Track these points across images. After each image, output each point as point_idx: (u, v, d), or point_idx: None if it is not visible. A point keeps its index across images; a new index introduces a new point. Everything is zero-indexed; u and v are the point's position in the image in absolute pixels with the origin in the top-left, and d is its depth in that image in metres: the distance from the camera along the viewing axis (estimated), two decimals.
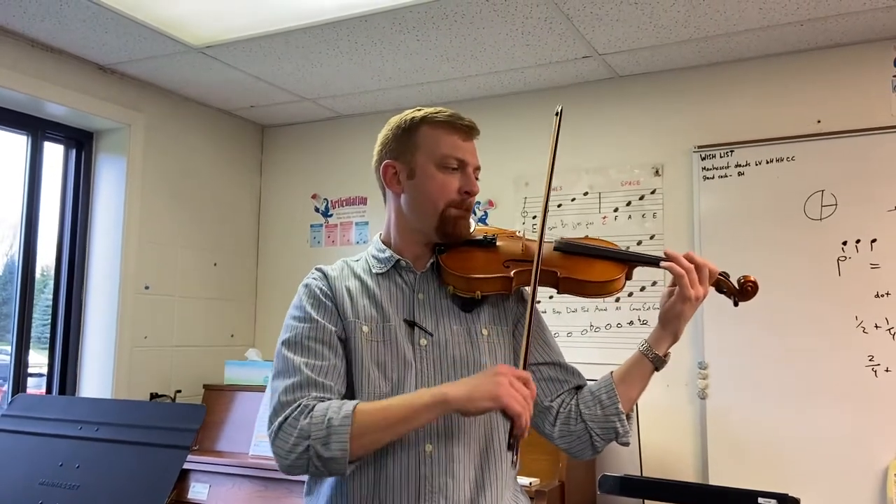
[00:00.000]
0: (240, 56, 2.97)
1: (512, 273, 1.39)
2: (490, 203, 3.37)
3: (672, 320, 1.37)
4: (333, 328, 1.35)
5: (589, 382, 1.48)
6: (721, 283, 1.43)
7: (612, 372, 1.42)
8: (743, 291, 1.42)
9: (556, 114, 1.46)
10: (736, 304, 1.44)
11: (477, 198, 1.47)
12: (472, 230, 1.46)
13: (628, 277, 1.44)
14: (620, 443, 1.39)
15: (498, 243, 1.45)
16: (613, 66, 3.05)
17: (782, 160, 2.84)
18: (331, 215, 3.78)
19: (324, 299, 1.38)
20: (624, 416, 1.38)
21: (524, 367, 1.28)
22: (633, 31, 2.69)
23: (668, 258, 1.38)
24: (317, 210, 3.82)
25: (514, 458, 1.24)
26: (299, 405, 1.25)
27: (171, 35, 2.77)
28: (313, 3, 2.54)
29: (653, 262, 1.43)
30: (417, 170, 1.40)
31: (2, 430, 1.69)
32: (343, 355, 1.35)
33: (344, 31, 2.72)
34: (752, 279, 1.41)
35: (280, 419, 1.25)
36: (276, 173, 3.95)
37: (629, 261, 1.44)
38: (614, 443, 1.41)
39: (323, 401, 1.27)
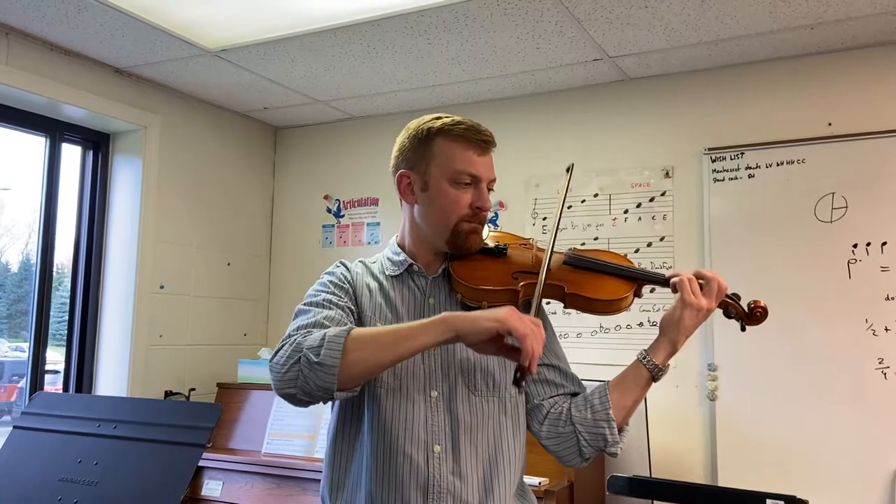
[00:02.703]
0: (254, 59, 3.01)
1: (520, 286, 1.39)
2: (501, 204, 3.39)
3: (671, 327, 1.37)
4: (350, 305, 1.40)
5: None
6: (729, 307, 1.41)
7: (608, 380, 1.42)
8: (752, 316, 1.39)
9: (568, 169, 1.45)
10: (743, 329, 1.42)
11: None
12: (485, 237, 1.46)
13: (637, 295, 1.42)
14: (608, 453, 1.38)
15: (509, 253, 1.45)
16: (624, 69, 3.06)
17: (793, 163, 2.85)
18: (342, 216, 3.81)
19: (345, 284, 1.43)
20: (614, 424, 1.36)
21: (536, 315, 1.27)
22: (643, 34, 2.70)
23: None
24: (329, 211, 3.85)
25: (520, 391, 1.19)
26: (304, 331, 1.29)
27: (187, 39, 2.81)
28: (326, 7, 2.56)
29: (662, 281, 1.41)
30: (431, 182, 1.40)
31: (22, 427, 1.73)
32: (355, 325, 1.39)
33: (356, 35, 2.75)
34: (761, 304, 1.39)
35: (283, 341, 1.28)
36: (288, 174, 3.99)
37: (639, 279, 1.42)
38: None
39: None
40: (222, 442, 3.08)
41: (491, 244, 1.47)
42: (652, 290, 2.97)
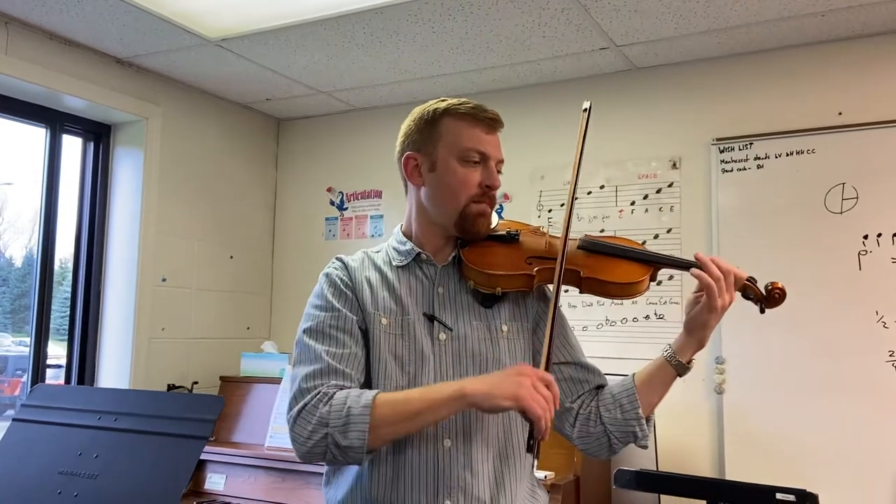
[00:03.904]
0: (255, 49, 2.97)
1: (534, 270, 1.37)
2: (506, 196, 3.36)
3: (698, 329, 1.35)
4: (354, 317, 1.36)
5: (609, 380, 1.47)
6: (747, 289, 1.39)
7: (633, 375, 1.40)
8: (770, 298, 1.38)
9: (585, 110, 1.39)
10: (762, 311, 1.40)
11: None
12: (495, 225, 1.44)
13: (653, 279, 1.40)
14: (639, 445, 1.38)
15: (521, 239, 1.43)
16: (631, 58, 3.02)
17: (802, 153, 2.81)
18: (346, 208, 3.78)
19: (344, 289, 1.38)
20: (644, 421, 1.36)
21: (546, 368, 1.25)
22: (651, 22, 2.66)
23: (700, 263, 1.33)
24: (332, 203, 3.82)
25: (535, 460, 1.23)
26: (319, 392, 1.26)
27: (188, 28, 2.77)
28: None
29: (682, 265, 1.39)
30: (439, 163, 1.38)
31: (22, 419, 1.71)
32: (363, 345, 1.35)
33: (360, 24, 2.71)
34: (779, 286, 1.37)
35: (299, 406, 1.26)
36: (291, 166, 3.96)
37: (655, 262, 1.40)
38: None
39: (342, 389, 1.27)
40: (225, 435, 3.06)
41: (502, 231, 1.44)
42: (670, 278, 2.94)
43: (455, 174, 1.37)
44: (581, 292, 1.40)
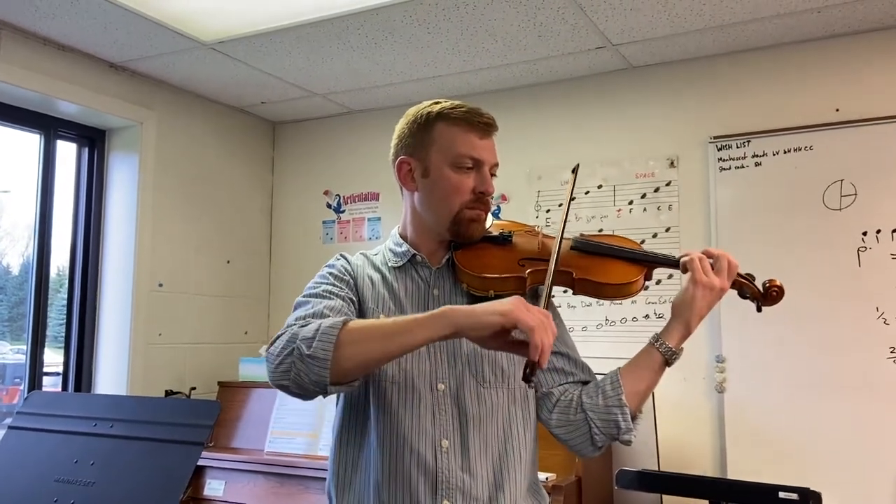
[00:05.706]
0: (250, 51, 2.96)
1: (526, 273, 1.35)
2: (503, 197, 3.35)
3: (684, 307, 1.33)
4: (352, 297, 1.37)
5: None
6: (744, 287, 1.37)
7: (619, 367, 1.38)
8: (767, 296, 1.36)
9: (573, 171, 1.42)
10: (759, 310, 1.38)
11: None
12: (489, 226, 1.43)
13: (648, 279, 1.39)
14: (622, 440, 1.33)
15: (514, 240, 1.41)
16: (627, 57, 3.02)
17: (800, 150, 2.80)
18: (343, 211, 3.77)
19: (346, 276, 1.40)
20: (627, 410, 1.31)
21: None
22: (647, 21, 2.66)
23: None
24: (329, 206, 3.81)
25: (530, 386, 1.13)
26: (302, 321, 1.25)
27: (181, 31, 2.76)
28: None
29: (673, 263, 1.38)
30: (432, 168, 1.37)
31: (17, 427, 1.69)
32: (357, 316, 1.35)
33: (354, 25, 2.70)
34: (777, 283, 1.35)
35: (280, 332, 1.25)
36: (287, 170, 3.95)
37: (649, 262, 1.39)
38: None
39: None
40: (224, 441, 3.05)
41: (495, 232, 1.43)
42: (669, 277, 2.93)
43: (448, 180, 1.35)
44: (575, 293, 1.38)
